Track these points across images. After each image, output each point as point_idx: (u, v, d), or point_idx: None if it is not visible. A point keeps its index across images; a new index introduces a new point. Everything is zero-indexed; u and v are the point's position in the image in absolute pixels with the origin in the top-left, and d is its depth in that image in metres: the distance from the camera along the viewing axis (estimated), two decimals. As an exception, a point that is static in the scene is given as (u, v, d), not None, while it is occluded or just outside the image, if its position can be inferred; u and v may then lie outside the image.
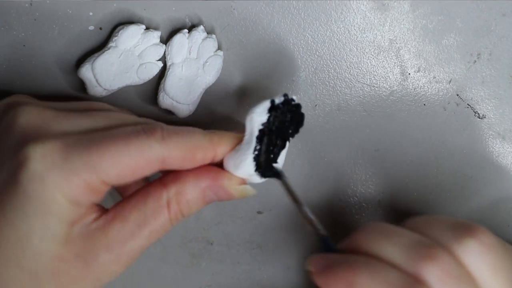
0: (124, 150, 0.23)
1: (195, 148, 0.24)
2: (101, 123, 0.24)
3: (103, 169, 0.22)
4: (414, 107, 0.36)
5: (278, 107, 0.25)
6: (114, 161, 0.22)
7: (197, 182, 0.25)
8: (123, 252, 0.24)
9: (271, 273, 0.38)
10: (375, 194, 0.37)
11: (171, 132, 0.24)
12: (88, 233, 0.24)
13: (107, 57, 0.31)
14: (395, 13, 0.34)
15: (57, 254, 0.23)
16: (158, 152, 0.23)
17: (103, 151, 0.22)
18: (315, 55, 0.34)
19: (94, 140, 0.23)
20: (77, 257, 0.23)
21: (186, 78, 0.32)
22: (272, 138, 0.25)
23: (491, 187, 0.38)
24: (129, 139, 0.23)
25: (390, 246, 0.24)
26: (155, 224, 0.24)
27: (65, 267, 0.23)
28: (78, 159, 0.22)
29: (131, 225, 0.24)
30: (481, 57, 0.35)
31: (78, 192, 0.22)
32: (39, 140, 0.22)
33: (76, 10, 0.31)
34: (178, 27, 0.32)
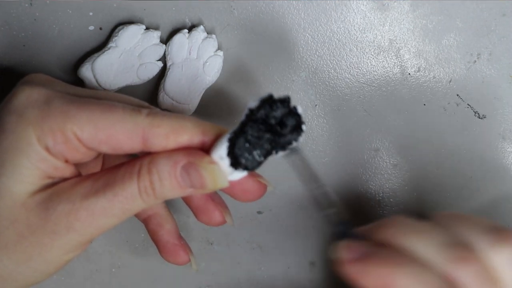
0: (106, 114, 0.22)
1: (180, 129, 0.23)
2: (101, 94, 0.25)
3: (78, 122, 0.22)
4: (414, 107, 0.36)
5: (273, 100, 0.24)
6: (91, 119, 0.22)
7: (170, 155, 0.23)
8: (82, 207, 0.23)
9: (271, 273, 0.38)
10: (375, 194, 0.37)
11: (159, 113, 0.23)
12: (57, 187, 0.23)
13: (107, 57, 0.31)
14: (395, 13, 0.34)
15: (21, 201, 0.23)
16: (139, 125, 0.23)
17: (84, 107, 0.22)
18: (315, 55, 0.34)
19: (82, 99, 0.23)
20: (39, 206, 0.23)
21: (186, 78, 0.32)
22: (255, 127, 0.23)
23: (491, 187, 0.38)
24: (115, 108, 0.23)
25: (424, 243, 0.23)
26: (122, 188, 0.23)
27: (25, 214, 0.23)
28: (58, 106, 0.22)
29: (99, 184, 0.23)
30: (481, 57, 0.35)
31: (51, 138, 0.22)
32: (31, 83, 0.23)
33: (76, 10, 0.31)
34: (178, 27, 0.32)
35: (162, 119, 0.23)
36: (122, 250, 0.36)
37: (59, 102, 0.23)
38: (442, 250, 0.23)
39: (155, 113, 0.23)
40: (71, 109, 0.22)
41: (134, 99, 0.26)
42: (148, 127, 0.23)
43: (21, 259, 0.23)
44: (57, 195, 0.23)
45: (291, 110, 0.24)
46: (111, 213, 0.23)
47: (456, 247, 0.23)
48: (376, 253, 0.24)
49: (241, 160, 0.23)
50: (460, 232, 0.24)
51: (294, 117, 0.24)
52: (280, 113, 0.24)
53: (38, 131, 0.22)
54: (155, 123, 0.23)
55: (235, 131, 0.23)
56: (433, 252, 0.23)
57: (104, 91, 0.28)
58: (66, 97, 0.23)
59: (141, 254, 0.36)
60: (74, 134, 0.22)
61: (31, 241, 0.23)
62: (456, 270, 0.23)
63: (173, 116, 0.24)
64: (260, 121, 0.24)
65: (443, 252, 0.23)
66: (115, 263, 0.36)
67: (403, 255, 0.23)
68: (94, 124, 0.22)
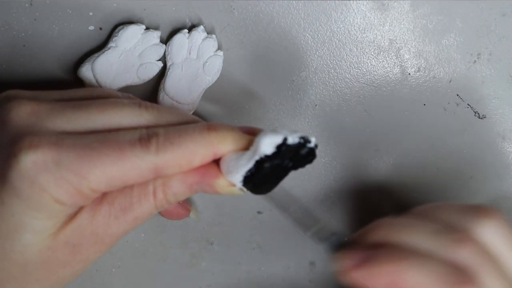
0: (117, 162, 0.22)
1: (193, 156, 0.24)
2: (97, 122, 0.24)
3: (93, 179, 0.22)
4: (414, 107, 0.36)
5: (288, 146, 0.23)
6: (105, 171, 0.22)
7: (185, 178, 0.25)
8: (107, 235, 0.24)
9: (271, 273, 0.38)
10: (375, 194, 0.37)
11: (167, 142, 0.23)
12: (77, 221, 0.24)
13: (107, 57, 0.31)
14: (395, 13, 0.34)
15: (47, 245, 0.24)
16: (151, 165, 0.23)
17: (95, 161, 0.22)
18: (315, 55, 0.34)
19: (88, 147, 0.22)
20: (66, 244, 0.24)
21: (186, 78, 0.32)
22: (271, 170, 0.24)
23: (491, 187, 0.38)
24: (123, 150, 0.23)
25: (417, 235, 0.24)
26: (140, 210, 0.25)
27: (54, 255, 0.24)
28: (69, 167, 0.22)
29: (117, 209, 0.24)
30: (481, 57, 0.35)
31: (67, 197, 0.22)
32: (33, 142, 0.22)
33: (76, 10, 0.31)
34: (178, 27, 0.32)
35: (173, 150, 0.23)
36: (122, 250, 0.36)
37: (68, 160, 0.22)
38: (436, 237, 0.24)
39: (163, 146, 0.23)
40: (83, 168, 0.22)
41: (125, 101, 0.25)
42: (160, 164, 0.23)
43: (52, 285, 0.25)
44: (80, 231, 0.24)
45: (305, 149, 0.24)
46: (131, 228, 0.25)
47: (448, 231, 0.24)
48: (377, 254, 0.24)
49: (258, 190, 0.25)
50: (443, 218, 0.25)
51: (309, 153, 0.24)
52: (295, 157, 0.24)
53: (54, 195, 0.22)
54: (166, 158, 0.23)
55: (251, 173, 0.23)
56: (428, 241, 0.24)
57: (96, 90, 0.27)
58: (71, 147, 0.22)
59: (141, 254, 0.36)
60: (90, 189, 0.23)
61: (62, 273, 0.25)
62: (456, 253, 0.23)
63: (182, 142, 0.23)
64: (275, 167, 0.24)
65: (438, 239, 0.23)
66: (115, 263, 0.36)
67: (402, 250, 0.24)
68: (108, 177, 0.23)
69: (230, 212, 0.37)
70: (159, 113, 0.25)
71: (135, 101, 0.25)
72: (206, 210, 0.36)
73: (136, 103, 0.25)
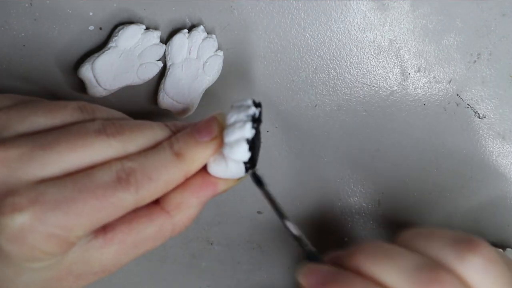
0: (101, 208, 0.23)
1: (168, 186, 0.25)
2: (70, 162, 0.24)
3: (79, 229, 0.23)
4: (414, 107, 0.36)
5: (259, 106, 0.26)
6: (90, 219, 0.23)
7: (200, 200, 0.26)
8: (115, 267, 0.25)
9: (271, 273, 0.38)
10: (375, 194, 0.37)
11: (145, 179, 0.24)
12: (83, 253, 0.24)
13: (107, 57, 0.31)
14: (395, 13, 0.34)
15: (50, 277, 0.24)
16: (132, 203, 0.24)
17: (79, 213, 0.22)
18: (315, 55, 0.34)
19: (70, 200, 0.22)
20: (70, 273, 0.24)
21: (186, 78, 0.32)
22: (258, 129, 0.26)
23: (491, 187, 0.38)
24: (105, 196, 0.23)
25: (391, 269, 0.23)
26: (153, 245, 0.26)
27: (57, 283, 0.24)
28: (55, 224, 0.22)
29: (129, 247, 0.25)
30: (481, 57, 0.35)
31: (56, 248, 0.23)
32: (15, 204, 0.22)
33: (76, 10, 0.31)
34: (178, 27, 0.32)
35: (150, 186, 0.24)
36: (122, 250, 0.36)
37: (54, 218, 0.22)
38: (411, 275, 0.23)
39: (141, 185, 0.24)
40: (69, 222, 0.22)
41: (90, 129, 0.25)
42: (139, 200, 0.24)
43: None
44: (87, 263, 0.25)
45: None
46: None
47: (425, 270, 0.23)
48: (336, 279, 0.23)
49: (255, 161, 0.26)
50: (428, 250, 0.24)
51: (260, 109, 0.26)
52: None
53: (44, 250, 0.23)
54: (145, 194, 0.24)
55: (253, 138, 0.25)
56: (402, 278, 0.23)
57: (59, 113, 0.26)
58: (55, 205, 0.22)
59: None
60: (77, 237, 0.23)
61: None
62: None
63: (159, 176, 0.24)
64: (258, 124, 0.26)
65: (413, 277, 0.23)
66: (115, 263, 0.36)
67: (365, 280, 0.23)
68: (94, 224, 0.23)
69: (230, 212, 0.37)
70: (125, 136, 0.25)
71: (99, 127, 0.25)
72: (206, 210, 0.36)
73: (102, 131, 0.24)
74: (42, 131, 0.24)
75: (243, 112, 0.25)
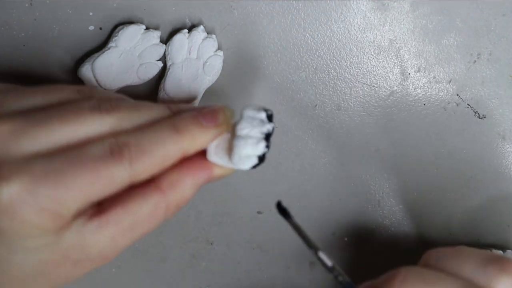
0: (92, 181, 0.22)
1: (165, 162, 0.24)
2: (62, 136, 0.23)
3: (71, 202, 0.22)
4: (414, 107, 0.36)
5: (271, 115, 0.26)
6: (81, 193, 0.22)
7: (196, 181, 0.26)
8: (113, 252, 0.25)
9: (271, 273, 0.38)
10: (375, 194, 0.37)
11: (139, 152, 0.23)
12: (79, 237, 0.24)
13: (107, 57, 0.31)
14: (395, 13, 0.34)
15: (45, 259, 0.23)
16: (126, 177, 0.23)
17: (71, 185, 0.22)
18: (315, 55, 0.34)
19: (60, 172, 0.22)
20: (67, 258, 0.24)
21: (186, 78, 0.32)
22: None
23: (491, 187, 0.38)
24: (97, 168, 0.23)
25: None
26: (149, 226, 0.25)
27: (53, 268, 0.24)
28: (45, 196, 0.22)
29: (124, 228, 0.24)
30: (481, 57, 0.35)
31: (48, 222, 0.22)
32: (3, 173, 0.22)
33: (76, 10, 0.31)
34: (178, 27, 0.32)
35: (145, 160, 0.23)
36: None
37: (44, 190, 0.22)
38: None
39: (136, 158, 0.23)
40: (59, 194, 0.22)
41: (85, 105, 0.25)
42: (134, 174, 0.23)
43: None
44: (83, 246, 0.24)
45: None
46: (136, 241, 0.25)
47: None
48: None
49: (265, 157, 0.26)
50: (459, 271, 0.24)
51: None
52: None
53: (36, 223, 0.22)
54: (140, 168, 0.23)
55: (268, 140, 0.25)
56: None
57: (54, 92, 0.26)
58: (43, 175, 0.22)
59: (141, 254, 0.36)
60: (69, 210, 0.23)
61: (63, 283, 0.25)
62: None
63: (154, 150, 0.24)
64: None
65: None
66: (115, 263, 0.36)
67: None
68: (84, 197, 0.23)
69: (230, 212, 0.37)
70: (121, 113, 0.25)
71: (94, 104, 0.24)
72: (206, 210, 0.36)
73: (96, 107, 0.24)
74: (38, 109, 0.24)
75: (257, 127, 0.25)
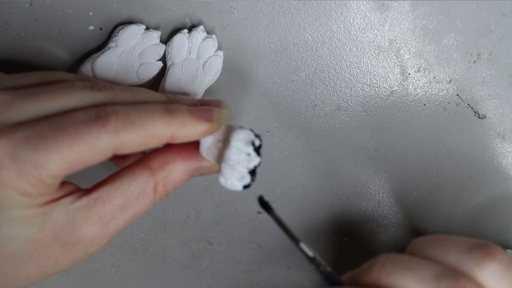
0: (74, 145, 0.22)
1: (151, 139, 0.24)
2: (50, 107, 0.23)
3: (52, 166, 0.22)
4: (414, 107, 0.36)
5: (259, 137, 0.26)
6: (62, 158, 0.22)
7: (186, 166, 0.26)
8: (103, 235, 0.24)
9: (271, 273, 0.38)
10: (375, 194, 0.37)
11: (127, 122, 0.23)
12: (67, 215, 0.23)
13: (107, 57, 0.31)
14: (395, 13, 0.34)
15: (32, 238, 0.23)
16: (110, 145, 0.23)
17: (51, 148, 0.22)
18: (315, 55, 0.34)
19: (42, 135, 0.22)
20: (56, 239, 0.24)
21: (186, 78, 0.32)
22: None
23: (491, 187, 0.38)
24: (79, 132, 0.22)
25: (411, 280, 0.23)
26: (139, 207, 0.25)
27: (42, 249, 0.23)
28: (25, 159, 0.22)
29: (113, 208, 0.24)
30: (481, 57, 0.35)
31: (31, 188, 0.22)
32: None
33: (76, 10, 0.31)
34: (178, 27, 0.32)
35: (132, 131, 0.23)
36: (122, 250, 0.36)
37: (24, 153, 0.22)
38: (432, 284, 0.23)
39: (122, 126, 0.23)
40: (40, 158, 0.22)
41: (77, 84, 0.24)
42: (118, 143, 0.23)
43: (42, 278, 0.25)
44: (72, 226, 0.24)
45: None
46: (127, 225, 0.25)
47: (447, 277, 0.23)
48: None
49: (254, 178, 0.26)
50: (446, 258, 0.24)
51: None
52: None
53: (18, 189, 0.22)
54: (125, 138, 0.23)
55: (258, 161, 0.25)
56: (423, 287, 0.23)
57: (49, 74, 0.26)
58: (25, 139, 0.22)
59: (141, 254, 0.36)
60: (51, 176, 0.22)
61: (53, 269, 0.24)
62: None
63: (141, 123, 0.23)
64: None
65: (434, 286, 0.23)
66: (115, 263, 0.36)
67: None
68: (66, 162, 0.22)
69: (230, 212, 0.37)
70: (114, 92, 0.24)
71: (87, 84, 0.24)
72: (206, 210, 0.36)
73: (89, 86, 0.24)
74: (32, 85, 0.24)
75: (243, 162, 0.25)
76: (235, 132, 0.25)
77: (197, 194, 0.36)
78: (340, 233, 0.38)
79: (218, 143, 0.26)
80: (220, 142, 0.26)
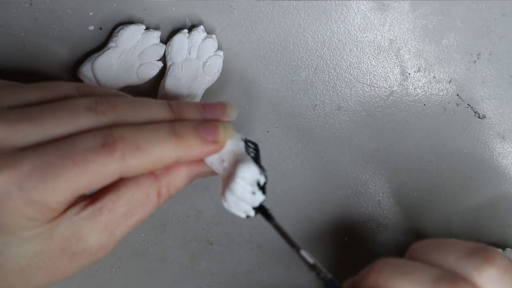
0: (81, 174, 0.22)
1: (158, 163, 0.24)
2: (54, 132, 0.23)
3: (59, 195, 0.22)
4: (414, 107, 0.36)
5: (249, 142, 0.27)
6: (69, 186, 0.22)
7: (189, 171, 0.26)
8: (110, 242, 0.24)
9: (271, 273, 0.38)
10: (375, 194, 0.37)
11: (133, 148, 0.23)
12: (73, 227, 0.24)
13: (107, 57, 0.31)
14: (395, 13, 0.34)
15: (40, 251, 0.23)
16: (116, 171, 0.23)
17: (58, 178, 0.22)
18: (315, 55, 0.34)
19: (48, 165, 0.22)
20: (63, 251, 0.24)
21: (186, 78, 0.32)
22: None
23: (491, 187, 0.38)
24: (86, 161, 0.22)
25: (410, 284, 0.23)
26: (143, 213, 0.25)
27: (50, 261, 0.24)
28: (33, 189, 0.22)
29: (119, 215, 0.24)
30: (481, 57, 0.35)
31: (37, 214, 0.22)
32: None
33: (76, 10, 0.31)
34: (178, 27, 0.32)
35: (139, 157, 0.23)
36: (122, 250, 0.36)
37: (31, 183, 0.22)
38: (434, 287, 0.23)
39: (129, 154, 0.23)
40: (47, 187, 0.22)
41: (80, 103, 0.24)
42: (125, 169, 0.23)
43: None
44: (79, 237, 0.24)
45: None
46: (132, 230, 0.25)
47: (445, 281, 0.23)
48: None
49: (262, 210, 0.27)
50: (442, 262, 0.24)
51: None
52: None
53: (25, 215, 0.22)
54: (131, 164, 0.23)
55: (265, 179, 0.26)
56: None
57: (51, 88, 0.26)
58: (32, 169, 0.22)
59: (141, 254, 0.36)
60: (59, 203, 0.22)
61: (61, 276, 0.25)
62: None
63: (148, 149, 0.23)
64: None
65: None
66: (115, 263, 0.36)
67: None
68: (73, 190, 0.22)
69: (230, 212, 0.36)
70: (117, 112, 0.24)
71: (90, 103, 0.24)
72: (206, 210, 0.36)
73: (93, 108, 0.24)
74: (33, 104, 0.24)
75: (248, 200, 0.25)
76: (242, 166, 0.25)
77: (197, 194, 0.36)
78: (340, 233, 0.38)
79: (223, 163, 0.26)
80: (224, 162, 0.26)
